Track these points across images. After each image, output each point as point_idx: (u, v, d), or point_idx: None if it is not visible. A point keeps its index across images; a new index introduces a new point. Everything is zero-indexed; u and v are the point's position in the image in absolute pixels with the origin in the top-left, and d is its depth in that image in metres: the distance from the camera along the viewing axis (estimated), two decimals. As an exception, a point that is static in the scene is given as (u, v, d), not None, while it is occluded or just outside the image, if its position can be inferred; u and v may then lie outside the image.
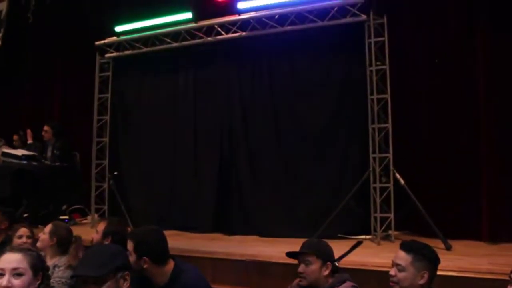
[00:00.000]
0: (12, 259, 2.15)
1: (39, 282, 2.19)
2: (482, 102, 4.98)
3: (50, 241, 3.47)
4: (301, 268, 2.73)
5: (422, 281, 2.37)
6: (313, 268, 2.70)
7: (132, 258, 2.65)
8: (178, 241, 5.20)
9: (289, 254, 2.86)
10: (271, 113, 6.00)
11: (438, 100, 5.26)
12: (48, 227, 3.56)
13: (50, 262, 3.23)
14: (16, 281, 2.11)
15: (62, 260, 3.36)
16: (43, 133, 7.13)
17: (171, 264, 2.74)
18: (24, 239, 3.84)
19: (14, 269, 2.12)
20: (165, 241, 2.82)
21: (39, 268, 2.22)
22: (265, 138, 5.99)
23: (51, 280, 2.69)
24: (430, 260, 2.42)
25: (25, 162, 6.59)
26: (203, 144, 6.40)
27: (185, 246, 4.99)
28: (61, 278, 3.18)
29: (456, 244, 4.61)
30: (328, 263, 2.72)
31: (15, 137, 7.65)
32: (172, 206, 6.46)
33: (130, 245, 2.72)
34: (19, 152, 6.77)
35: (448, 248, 4.50)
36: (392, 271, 2.44)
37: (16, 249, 2.25)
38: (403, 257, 2.42)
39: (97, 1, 7.37)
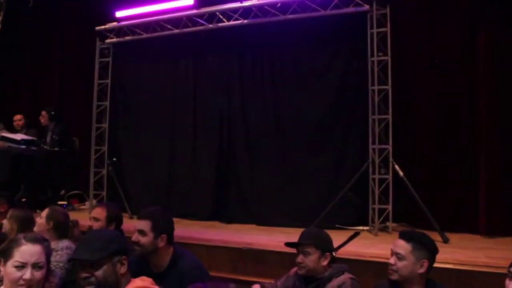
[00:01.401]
0: (34, 251, 2.14)
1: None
2: (482, 96, 4.97)
3: (47, 225, 3.46)
4: (300, 258, 2.72)
5: (421, 270, 2.37)
6: (312, 258, 2.70)
7: (148, 237, 2.69)
8: (175, 228, 5.19)
9: (288, 244, 2.84)
10: (271, 102, 5.98)
11: (438, 92, 5.24)
12: (45, 212, 3.56)
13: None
14: (37, 274, 2.10)
15: (59, 245, 3.34)
16: (40, 118, 7.12)
17: (171, 249, 2.78)
18: None
19: (36, 262, 2.12)
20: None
21: (50, 257, 2.23)
22: (264, 127, 5.98)
23: (50, 265, 2.70)
24: (429, 249, 2.42)
25: (24, 146, 6.57)
26: (202, 132, 6.38)
27: (182, 233, 4.99)
28: (59, 263, 3.14)
29: (452, 237, 4.62)
30: (327, 253, 2.71)
31: (18, 116, 7.54)
32: (170, 193, 6.45)
33: (145, 224, 2.73)
34: (18, 136, 6.75)
35: (445, 241, 4.50)
36: (392, 260, 2.43)
37: (34, 239, 2.20)
38: (403, 246, 2.42)
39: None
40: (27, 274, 2.06)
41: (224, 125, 6.22)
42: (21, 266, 2.08)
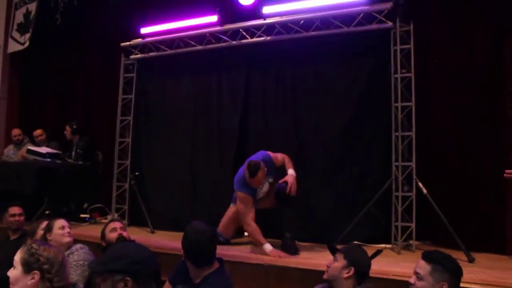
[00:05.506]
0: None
1: (33, 280, 2.21)
2: (509, 112, 4.89)
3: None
4: (328, 261, 2.88)
5: None
6: (336, 265, 2.80)
7: None
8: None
9: (330, 247, 3.04)
10: (292, 118, 5.97)
11: (463, 108, 5.18)
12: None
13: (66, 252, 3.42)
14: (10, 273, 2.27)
15: (72, 249, 3.57)
16: (65, 132, 7.27)
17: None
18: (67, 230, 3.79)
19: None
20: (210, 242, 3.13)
21: (31, 264, 2.25)
22: (286, 141, 5.95)
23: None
24: (450, 271, 2.40)
25: (49, 160, 6.68)
26: (224, 148, 6.39)
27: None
28: (78, 261, 3.40)
29: (479, 257, 4.52)
30: (352, 267, 2.75)
31: (38, 131, 7.69)
32: (192, 208, 6.44)
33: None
34: (43, 150, 6.88)
35: (471, 260, 4.41)
36: (412, 279, 2.47)
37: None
38: (423, 266, 2.44)
39: (123, 3, 7.47)
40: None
41: (246, 141, 6.22)
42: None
